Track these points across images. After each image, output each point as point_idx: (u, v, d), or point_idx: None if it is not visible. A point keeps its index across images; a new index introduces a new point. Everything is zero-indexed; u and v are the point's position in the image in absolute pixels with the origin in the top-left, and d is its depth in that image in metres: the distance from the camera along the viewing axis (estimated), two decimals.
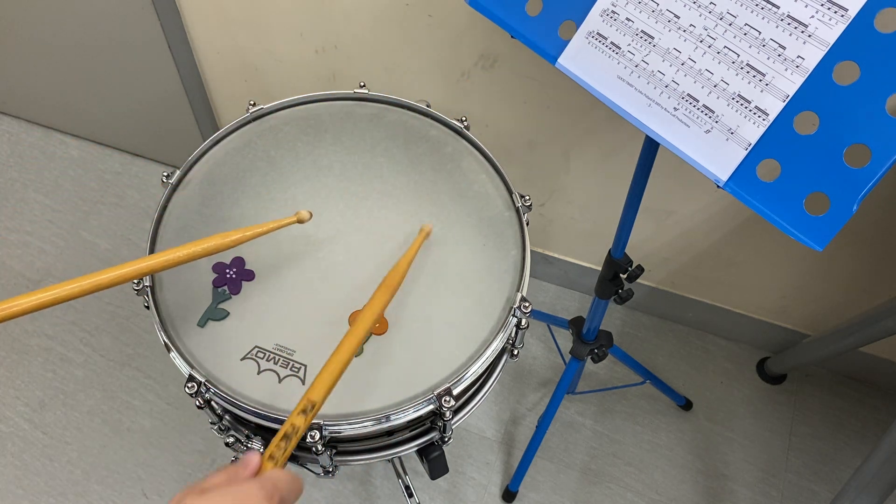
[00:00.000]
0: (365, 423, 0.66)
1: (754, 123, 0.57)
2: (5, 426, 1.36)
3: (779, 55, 0.56)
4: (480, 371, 0.71)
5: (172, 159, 1.71)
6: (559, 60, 0.68)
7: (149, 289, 0.74)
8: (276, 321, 0.73)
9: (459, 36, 1.07)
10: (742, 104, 0.58)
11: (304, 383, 0.69)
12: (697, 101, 0.60)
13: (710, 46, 0.59)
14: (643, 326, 1.49)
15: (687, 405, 1.38)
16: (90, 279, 0.62)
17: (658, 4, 0.62)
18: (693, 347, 1.46)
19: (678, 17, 0.61)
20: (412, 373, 0.70)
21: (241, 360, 0.70)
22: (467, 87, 1.15)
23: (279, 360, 0.70)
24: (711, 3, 0.59)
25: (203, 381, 0.67)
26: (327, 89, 0.91)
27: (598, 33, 0.65)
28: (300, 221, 0.73)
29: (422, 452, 0.76)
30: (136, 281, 0.74)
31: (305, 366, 0.70)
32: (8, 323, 1.47)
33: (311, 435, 0.65)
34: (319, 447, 0.65)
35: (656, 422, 1.37)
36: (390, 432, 0.73)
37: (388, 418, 0.67)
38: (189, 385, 0.67)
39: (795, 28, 0.55)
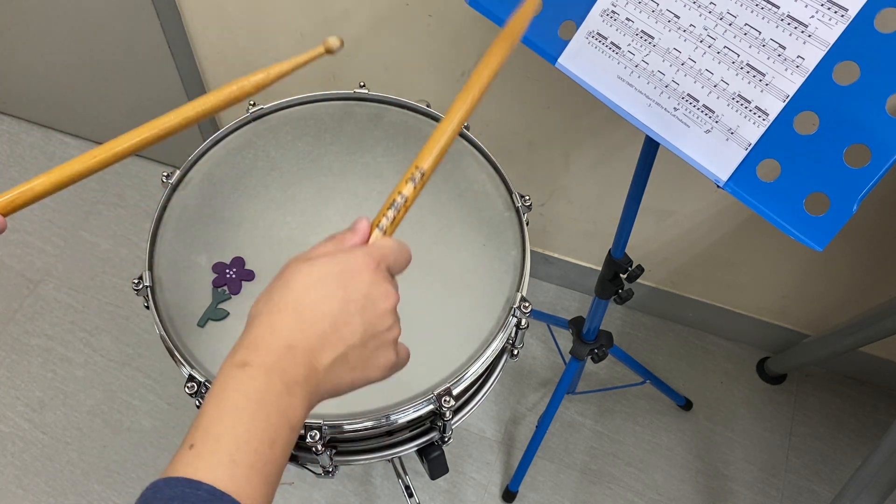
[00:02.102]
0: (365, 423, 0.66)
1: (754, 123, 0.57)
2: (5, 426, 1.36)
3: (779, 55, 0.56)
4: (480, 371, 0.71)
5: (172, 159, 1.71)
6: (559, 60, 0.68)
7: (149, 289, 0.74)
8: None
9: (459, 36, 1.07)
10: (742, 104, 0.58)
11: None
12: (697, 101, 0.60)
13: (710, 46, 0.59)
14: (643, 326, 1.49)
15: (687, 405, 1.38)
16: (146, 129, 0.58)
17: (658, 4, 0.62)
18: (693, 347, 1.46)
19: (678, 17, 0.61)
20: (412, 373, 0.69)
21: None
22: None
23: None
24: (711, 3, 0.59)
25: (203, 381, 0.67)
26: (327, 89, 0.91)
27: (598, 33, 0.65)
28: (328, 51, 0.62)
29: (422, 452, 0.76)
30: (135, 281, 0.74)
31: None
32: (8, 323, 1.47)
33: (310, 435, 0.65)
34: (319, 447, 0.65)
35: (656, 422, 1.37)
36: (390, 432, 0.73)
37: (388, 418, 0.67)
38: (189, 385, 0.67)
39: (795, 28, 0.55)
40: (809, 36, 0.55)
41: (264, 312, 0.42)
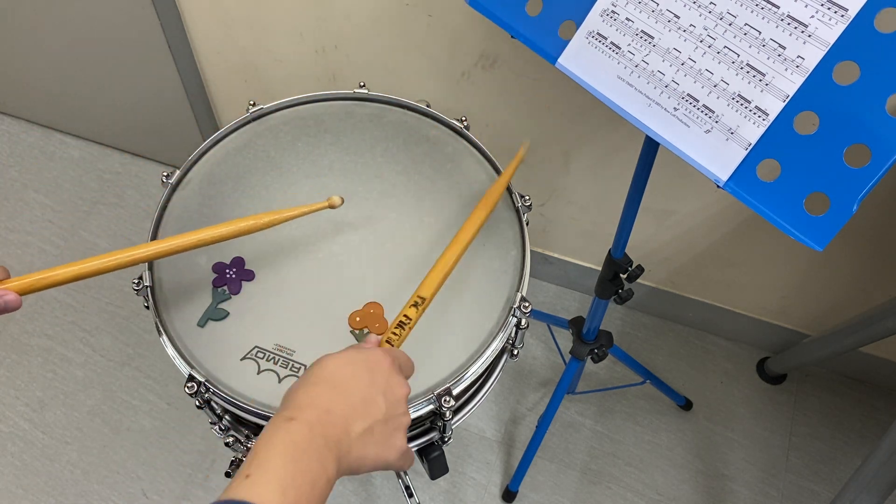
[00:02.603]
0: None
1: (754, 123, 0.57)
2: (5, 426, 1.36)
3: (779, 55, 0.56)
4: (480, 371, 0.71)
5: (172, 159, 1.71)
6: (559, 60, 0.68)
7: (149, 289, 0.74)
8: (276, 321, 0.73)
9: (459, 36, 1.07)
10: (742, 104, 0.58)
11: None
12: (697, 101, 0.60)
13: (710, 46, 0.59)
14: (643, 326, 1.49)
15: (687, 405, 1.38)
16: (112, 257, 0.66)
17: (658, 4, 0.62)
18: (693, 347, 1.46)
19: (678, 17, 0.61)
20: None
21: (241, 360, 0.70)
22: (467, 87, 1.15)
23: (279, 360, 0.70)
24: (711, 3, 0.59)
25: (203, 381, 0.67)
26: (327, 89, 0.91)
27: (598, 33, 0.65)
28: (332, 207, 0.73)
29: (422, 452, 0.76)
30: (135, 281, 0.74)
31: (305, 366, 0.70)
32: (8, 323, 1.48)
33: None
34: None
35: (656, 422, 1.37)
36: None
37: None
38: (189, 385, 0.67)
39: (795, 28, 0.55)
40: (809, 36, 0.55)
41: (302, 387, 0.49)
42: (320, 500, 0.44)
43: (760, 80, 0.57)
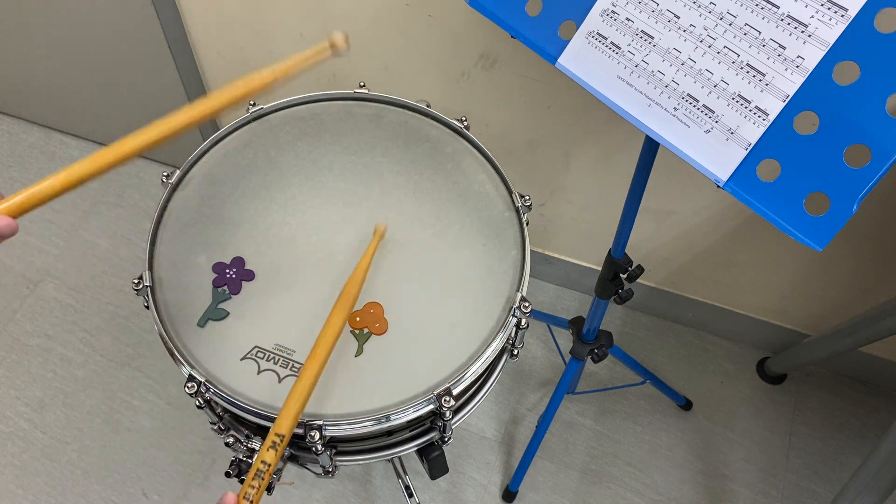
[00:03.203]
0: (365, 423, 0.66)
1: (754, 123, 0.57)
2: (5, 426, 1.36)
3: (779, 55, 0.56)
4: (480, 371, 0.71)
5: (172, 159, 1.71)
6: (559, 60, 0.68)
7: (149, 289, 0.74)
8: (276, 321, 0.73)
9: (459, 36, 1.07)
10: (742, 104, 0.58)
11: None
12: (697, 101, 0.60)
13: (710, 46, 0.59)
14: (643, 326, 1.49)
15: (687, 405, 1.38)
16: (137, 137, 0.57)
17: (658, 4, 0.62)
18: (693, 347, 1.46)
19: (678, 17, 0.61)
20: (412, 373, 0.70)
21: (241, 360, 0.70)
22: (467, 87, 1.15)
23: (279, 360, 0.70)
24: (711, 3, 0.59)
25: (203, 381, 0.67)
26: (327, 89, 0.91)
27: (598, 33, 0.65)
28: (333, 46, 0.62)
29: (422, 452, 0.76)
30: (135, 281, 0.74)
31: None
32: (8, 323, 1.48)
33: (310, 435, 0.65)
34: (319, 447, 0.65)
35: (656, 422, 1.37)
36: (390, 432, 0.73)
37: (387, 418, 0.67)
38: (189, 385, 0.67)
39: (795, 28, 0.55)
40: (809, 36, 0.55)
41: None
42: None
43: (760, 80, 0.57)
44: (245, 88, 0.60)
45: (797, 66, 0.55)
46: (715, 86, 0.59)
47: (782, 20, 0.56)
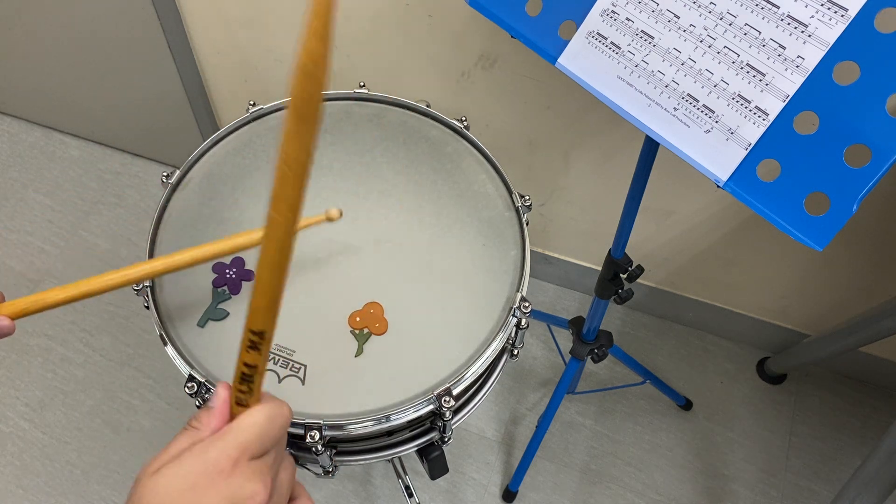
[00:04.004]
0: (365, 423, 0.66)
1: (754, 123, 0.57)
2: (5, 426, 1.36)
3: (779, 55, 0.56)
4: (480, 371, 0.71)
5: (172, 159, 1.71)
6: (559, 60, 0.68)
7: (149, 289, 0.74)
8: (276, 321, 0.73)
9: (459, 36, 1.07)
10: (742, 104, 0.58)
11: (303, 383, 0.69)
12: (697, 100, 0.60)
13: (710, 46, 0.59)
14: (643, 326, 1.49)
15: (687, 405, 1.38)
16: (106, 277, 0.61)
17: (658, 4, 0.62)
18: (693, 347, 1.46)
19: (678, 17, 0.61)
20: (412, 373, 0.70)
21: None
22: (467, 87, 1.15)
23: (279, 360, 0.70)
24: (711, 3, 0.59)
25: (203, 381, 0.67)
26: (327, 89, 0.91)
27: (598, 33, 0.65)
28: (329, 220, 0.65)
29: (422, 452, 0.76)
30: None
31: (305, 366, 0.70)
32: None
33: (310, 435, 0.65)
34: (319, 447, 0.65)
35: (656, 422, 1.37)
36: (390, 432, 0.73)
37: (388, 418, 0.67)
38: (189, 385, 0.67)
39: (795, 28, 0.55)
40: (809, 36, 0.55)
41: None
42: None
43: (760, 80, 0.57)
44: (243, 243, 0.63)
45: (797, 66, 0.55)
46: (715, 86, 0.59)
47: (782, 20, 0.56)
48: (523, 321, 0.74)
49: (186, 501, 0.36)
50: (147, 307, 0.73)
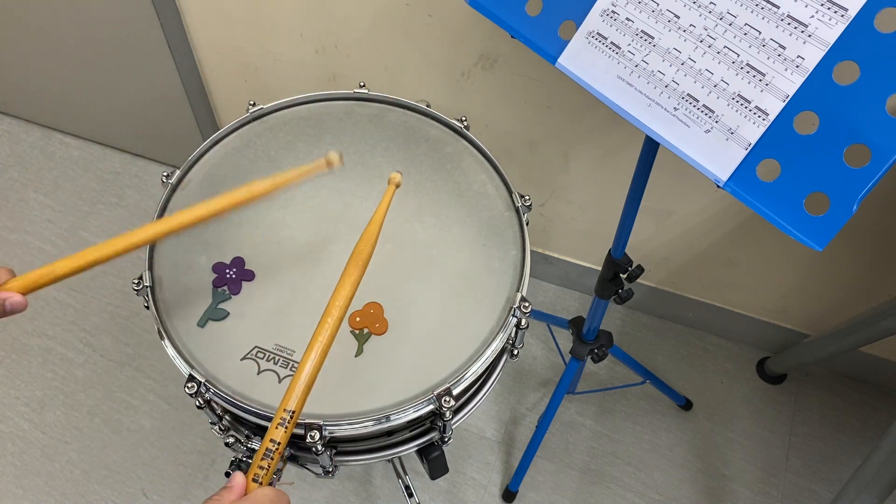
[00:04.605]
0: (365, 423, 0.66)
1: (754, 123, 0.57)
2: (5, 426, 1.36)
3: (779, 55, 0.56)
4: (480, 371, 0.71)
5: (172, 159, 1.71)
6: (559, 60, 0.68)
7: (149, 289, 0.74)
8: (276, 321, 0.73)
9: (459, 36, 1.07)
10: (742, 104, 0.58)
11: None
12: (697, 100, 0.60)
13: (710, 46, 0.59)
14: (643, 326, 1.49)
15: (687, 405, 1.38)
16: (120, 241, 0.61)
17: (658, 4, 0.62)
18: (693, 347, 1.46)
19: (678, 17, 0.61)
20: (412, 373, 0.70)
21: (241, 360, 0.70)
22: (467, 87, 1.15)
23: (279, 360, 0.70)
24: (711, 3, 0.59)
25: (203, 381, 0.67)
26: (327, 89, 0.91)
27: (598, 33, 0.65)
28: (329, 164, 0.67)
29: (422, 452, 0.76)
30: (135, 281, 0.74)
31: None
32: (8, 323, 1.47)
33: (310, 435, 0.65)
34: (319, 447, 0.65)
35: (656, 422, 1.37)
36: (390, 432, 0.73)
37: (388, 418, 0.67)
38: (189, 385, 0.67)
39: (795, 28, 0.55)
40: (809, 36, 0.55)
41: None
42: None
43: (760, 80, 0.57)
44: (247, 195, 0.64)
45: (797, 66, 0.55)
46: (715, 86, 0.59)
47: (782, 20, 0.56)
48: (523, 321, 0.74)
49: None
50: (147, 307, 0.73)
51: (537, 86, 1.09)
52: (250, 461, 0.71)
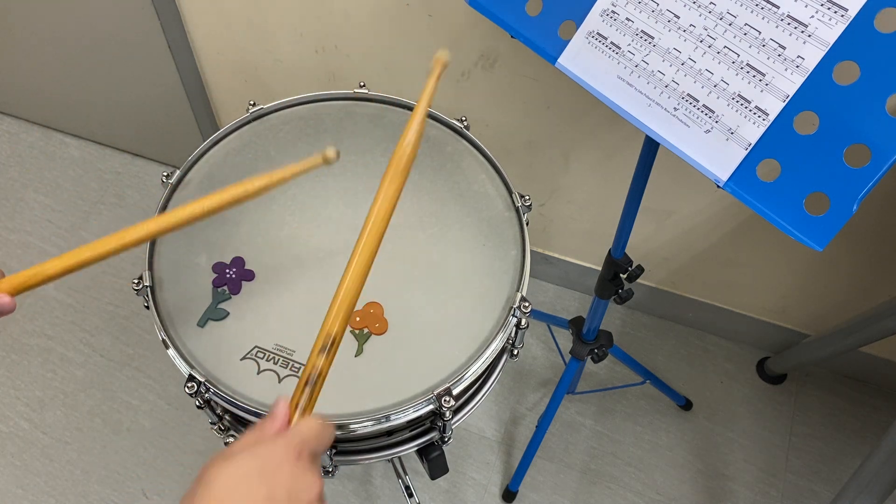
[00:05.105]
0: (365, 423, 0.66)
1: (754, 123, 0.57)
2: (5, 426, 1.36)
3: (779, 55, 0.56)
4: (480, 371, 0.71)
5: (172, 159, 1.71)
6: (559, 60, 0.68)
7: (149, 289, 0.74)
8: (276, 321, 0.73)
9: (459, 36, 1.07)
10: (742, 104, 0.58)
11: None
12: (697, 100, 0.60)
13: (710, 46, 0.59)
14: (643, 326, 1.49)
15: (687, 405, 1.38)
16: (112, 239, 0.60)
17: (658, 4, 0.62)
18: (693, 347, 1.46)
19: (678, 17, 0.61)
20: (412, 373, 0.70)
21: (241, 360, 0.70)
22: (467, 87, 1.15)
23: (279, 360, 0.70)
24: (711, 3, 0.59)
25: (203, 381, 0.67)
26: (327, 89, 0.91)
27: (598, 33, 0.65)
28: (326, 161, 0.63)
29: (422, 452, 0.76)
30: (135, 281, 0.74)
31: (305, 366, 0.70)
32: (8, 323, 1.48)
33: None
34: None
35: (656, 422, 1.37)
36: (390, 432, 0.73)
37: (388, 418, 0.67)
38: (189, 385, 0.67)
39: (795, 28, 0.55)
40: (809, 36, 0.55)
41: None
42: None
43: (760, 80, 0.57)
44: (242, 192, 0.62)
45: (797, 66, 0.55)
46: (715, 86, 0.59)
47: (782, 20, 0.56)
48: (523, 321, 0.74)
49: (255, 482, 0.41)
50: (147, 307, 0.73)
51: (537, 86, 1.09)
52: None
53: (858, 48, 0.53)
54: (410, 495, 1.20)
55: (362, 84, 0.92)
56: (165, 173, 0.83)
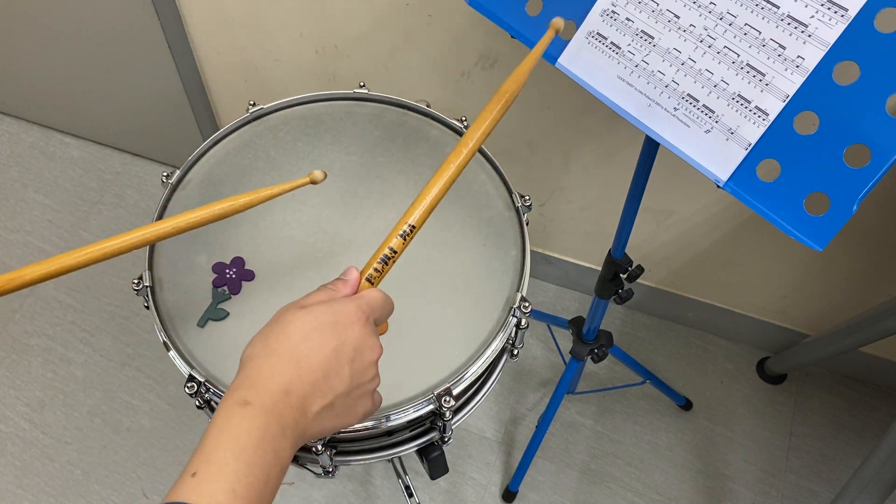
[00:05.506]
0: (365, 423, 0.66)
1: (754, 123, 0.57)
2: (5, 426, 1.36)
3: (779, 55, 0.56)
4: (480, 371, 0.71)
5: (172, 159, 1.71)
6: (559, 60, 0.68)
7: (149, 289, 0.74)
8: None
9: (459, 36, 1.07)
10: (742, 104, 0.58)
11: None
12: (697, 101, 0.60)
13: (710, 46, 0.59)
14: (643, 326, 1.49)
15: (687, 405, 1.38)
16: (105, 244, 0.60)
17: (658, 4, 0.62)
18: (693, 347, 1.46)
19: (678, 17, 0.61)
20: (412, 373, 0.70)
21: None
22: (467, 87, 1.15)
23: None
24: (711, 3, 0.59)
25: (203, 381, 0.67)
26: (327, 89, 0.91)
27: (598, 33, 0.65)
28: (313, 182, 0.65)
29: (422, 452, 0.76)
30: (135, 281, 0.74)
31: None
32: (8, 323, 1.48)
33: None
34: (319, 447, 0.65)
35: (656, 422, 1.37)
36: (390, 432, 0.73)
37: (387, 418, 0.67)
38: (189, 385, 0.67)
39: (795, 28, 0.55)
40: (809, 36, 0.55)
41: (262, 355, 0.45)
42: (273, 491, 0.41)
43: (760, 80, 0.57)
44: (229, 207, 0.62)
45: (797, 66, 0.55)
46: (715, 86, 0.59)
47: (782, 20, 0.56)
48: (523, 321, 0.74)
49: (328, 333, 0.45)
50: (147, 307, 0.73)
51: (537, 86, 1.09)
52: None
53: (858, 48, 0.53)
54: (410, 495, 1.20)
55: (362, 84, 0.92)
56: (165, 173, 0.83)
